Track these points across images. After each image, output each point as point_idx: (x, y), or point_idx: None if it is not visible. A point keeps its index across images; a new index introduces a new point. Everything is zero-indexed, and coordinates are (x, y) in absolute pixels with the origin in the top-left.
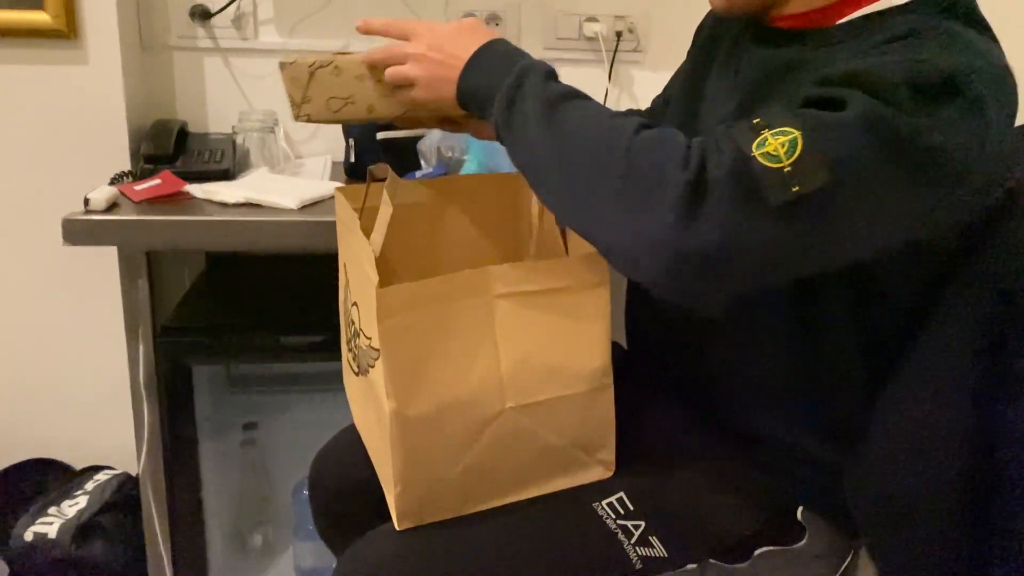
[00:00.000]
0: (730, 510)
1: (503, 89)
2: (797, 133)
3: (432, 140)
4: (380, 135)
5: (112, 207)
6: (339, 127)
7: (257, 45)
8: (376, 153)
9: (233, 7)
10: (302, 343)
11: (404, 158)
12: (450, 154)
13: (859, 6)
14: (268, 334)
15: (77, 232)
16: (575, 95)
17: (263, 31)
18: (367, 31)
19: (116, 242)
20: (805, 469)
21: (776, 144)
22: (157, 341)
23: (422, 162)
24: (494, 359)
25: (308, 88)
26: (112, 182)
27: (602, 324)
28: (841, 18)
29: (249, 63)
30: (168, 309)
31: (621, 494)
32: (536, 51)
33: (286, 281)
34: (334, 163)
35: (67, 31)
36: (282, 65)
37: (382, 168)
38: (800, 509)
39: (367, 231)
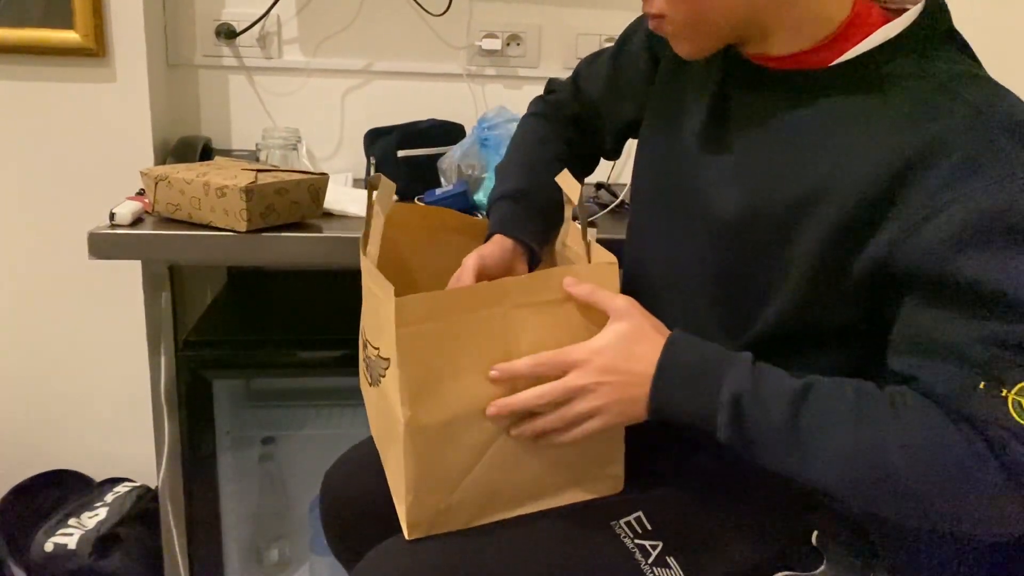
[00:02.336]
0: (747, 533)
1: (720, 420)
2: None
3: (452, 158)
4: (401, 153)
5: (137, 221)
6: (361, 144)
7: (281, 64)
8: (397, 170)
9: (258, 26)
10: (322, 358)
11: (425, 176)
12: (470, 172)
13: (849, 46)
14: (288, 349)
15: (103, 246)
16: (800, 394)
17: (287, 50)
18: (512, 377)
19: (140, 256)
20: (820, 495)
21: None
22: (178, 355)
23: (442, 179)
24: None
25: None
26: (138, 194)
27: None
28: (833, 60)
29: (273, 81)
30: (189, 323)
31: (639, 513)
32: (556, 71)
33: (307, 296)
34: (355, 180)
35: (96, 49)
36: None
37: (376, 178)
38: (815, 534)
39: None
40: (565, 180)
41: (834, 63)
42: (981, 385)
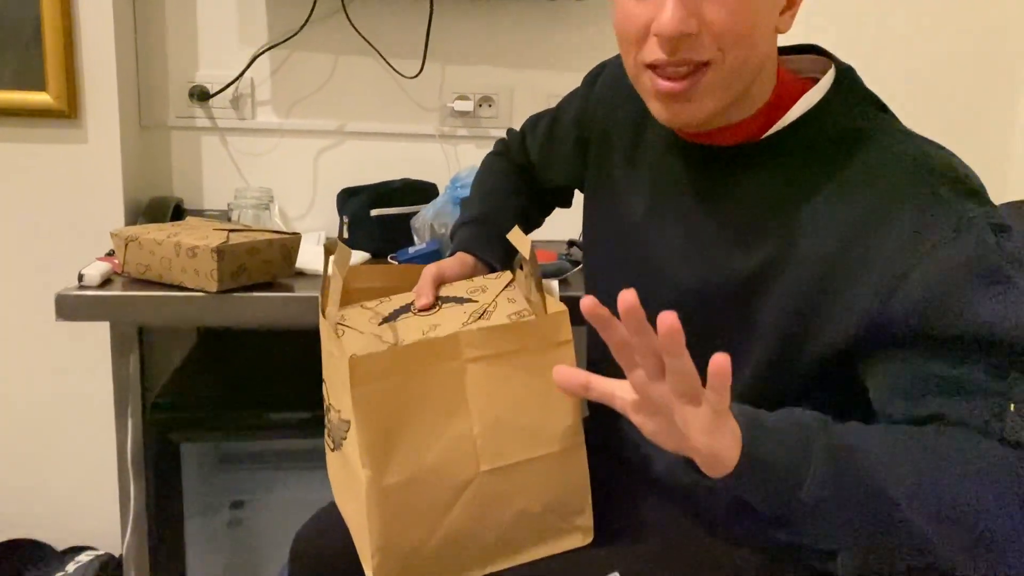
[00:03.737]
0: None
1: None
2: None
3: (425, 216)
4: (374, 212)
5: (106, 282)
6: (334, 202)
7: (255, 125)
8: (370, 229)
9: (232, 88)
10: (293, 420)
11: (397, 234)
12: (443, 230)
13: (778, 115)
14: (258, 411)
15: (70, 308)
16: (861, 459)
17: (261, 111)
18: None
19: (109, 318)
20: (799, 552)
21: None
22: (146, 418)
23: (415, 238)
24: (467, 423)
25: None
26: (108, 255)
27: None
28: (764, 131)
29: (246, 142)
30: (158, 385)
31: (616, 574)
32: None
33: (278, 356)
34: (328, 239)
35: (68, 111)
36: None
37: (332, 242)
38: None
39: (324, 307)
40: (516, 237)
41: (768, 134)
42: (1012, 407)
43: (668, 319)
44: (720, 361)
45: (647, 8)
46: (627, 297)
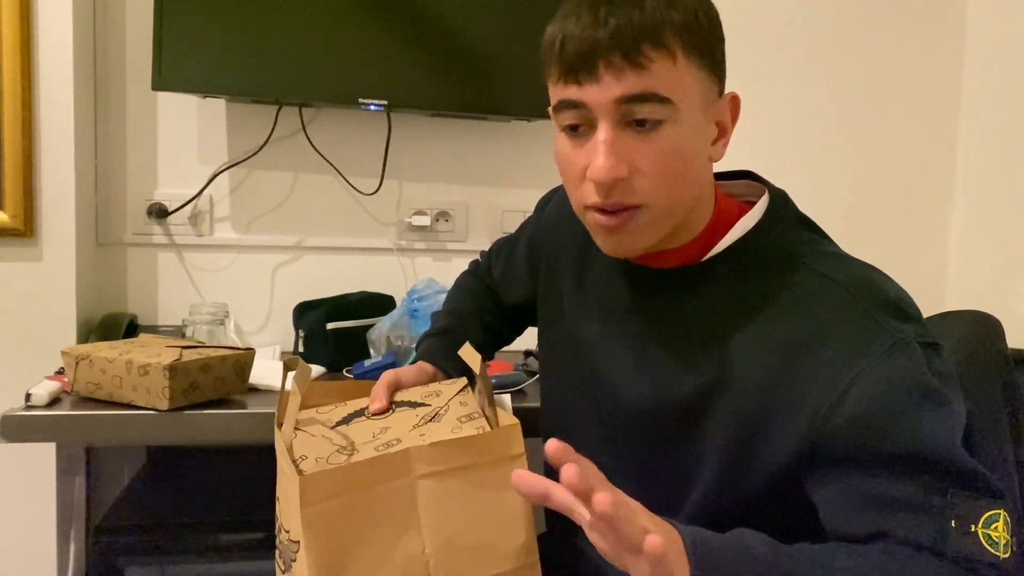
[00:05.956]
0: None
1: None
2: (997, 510)
3: (382, 329)
4: (330, 325)
5: (54, 402)
6: (290, 316)
7: (212, 241)
8: (326, 343)
9: (190, 205)
10: (244, 541)
11: (354, 347)
12: (399, 342)
13: (716, 239)
14: (207, 532)
15: (16, 429)
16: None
17: (219, 227)
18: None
19: (55, 438)
20: None
21: (999, 533)
22: (89, 541)
23: (371, 351)
24: (419, 541)
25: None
26: (57, 373)
27: (523, 497)
28: (705, 254)
29: (203, 258)
30: (105, 505)
31: None
32: (484, 244)
33: (230, 474)
34: (283, 352)
35: (24, 230)
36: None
37: (293, 359)
38: None
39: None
40: (467, 353)
41: (707, 257)
42: (952, 524)
43: (601, 504)
44: (653, 543)
45: (583, 154)
46: (568, 473)
